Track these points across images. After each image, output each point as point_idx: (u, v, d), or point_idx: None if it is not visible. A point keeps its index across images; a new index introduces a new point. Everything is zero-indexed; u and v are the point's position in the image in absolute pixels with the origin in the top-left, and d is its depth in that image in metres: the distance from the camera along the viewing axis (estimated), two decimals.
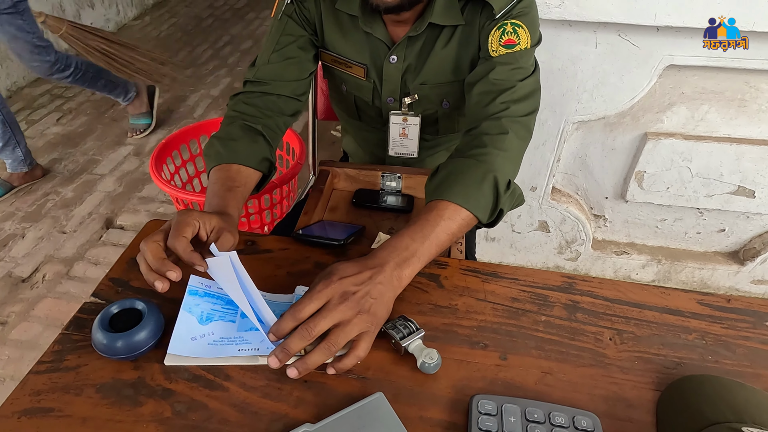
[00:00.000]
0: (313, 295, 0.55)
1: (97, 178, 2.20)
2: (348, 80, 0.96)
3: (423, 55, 0.89)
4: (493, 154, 0.74)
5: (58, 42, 2.26)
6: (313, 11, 0.89)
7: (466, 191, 0.69)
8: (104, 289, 0.66)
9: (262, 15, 3.84)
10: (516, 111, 0.79)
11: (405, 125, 0.97)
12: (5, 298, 1.66)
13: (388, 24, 0.87)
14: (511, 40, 0.81)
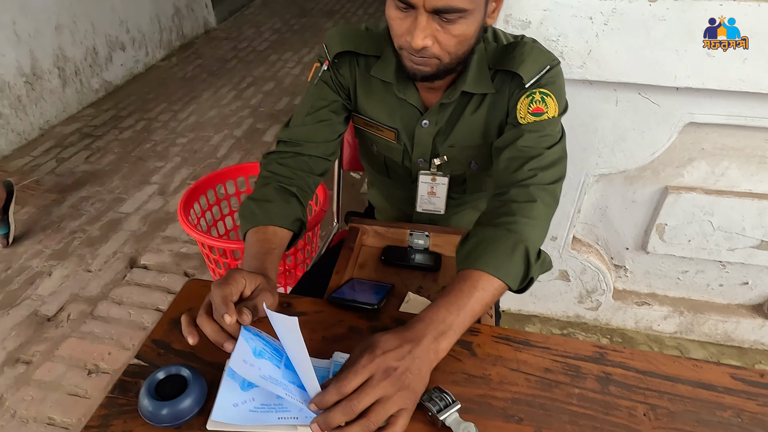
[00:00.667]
0: (357, 370, 0.57)
1: (122, 216, 2.25)
2: (379, 142, 1.00)
3: (453, 120, 0.92)
4: (521, 222, 0.76)
5: None
6: (348, 77, 0.94)
7: (498, 261, 0.71)
8: (147, 351, 0.68)
9: (284, 57, 3.97)
10: (543, 178, 0.81)
11: (433, 184, 1.00)
12: (30, 338, 1.69)
13: (421, 90, 0.91)
14: (539, 109, 0.84)
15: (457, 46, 0.76)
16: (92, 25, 3.16)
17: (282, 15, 4.97)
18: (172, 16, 3.99)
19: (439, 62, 0.77)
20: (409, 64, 0.79)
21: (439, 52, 0.75)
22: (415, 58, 0.76)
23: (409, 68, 0.79)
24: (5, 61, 2.60)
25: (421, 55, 0.75)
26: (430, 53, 0.75)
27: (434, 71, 0.79)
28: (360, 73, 0.93)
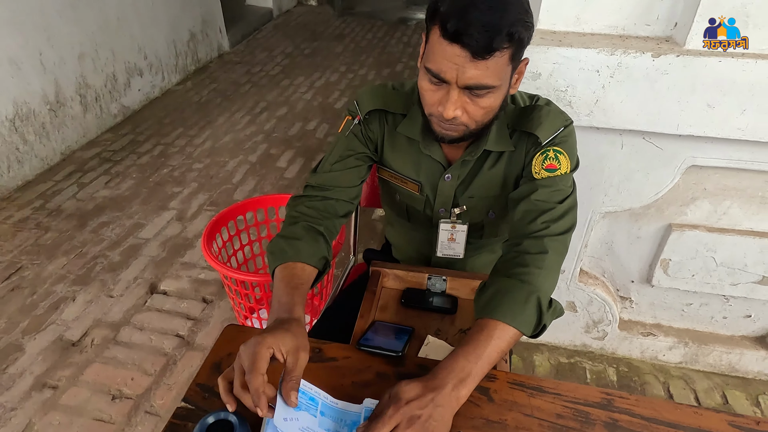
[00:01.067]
0: (385, 421, 0.63)
1: (141, 242, 2.33)
2: (402, 192, 1.08)
3: (473, 173, 1.01)
4: (534, 273, 0.83)
5: None
6: (377, 132, 1.02)
7: (512, 310, 0.78)
8: (193, 394, 0.75)
9: (296, 82, 4.08)
10: (555, 230, 0.89)
11: (453, 231, 1.07)
12: (56, 362, 1.75)
13: (444, 147, 0.99)
14: (552, 165, 0.92)
15: (484, 116, 0.84)
16: (112, 52, 3.28)
17: (293, 39, 5.09)
18: (188, 41, 4.12)
19: (466, 128, 0.85)
20: (438, 129, 0.86)
21: (468, 121, 0.83)
22: (444, 125, 0.84)
23: (438, 132, 0.87)
24: (31, 89, 2.70)
25: (450, 123, 0.83)
26: (459, 122, 0.83)
27: (461, 135, 0.87)
28: (388, 129, 1.01)
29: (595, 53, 1.22)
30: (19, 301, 1.99)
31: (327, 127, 3.40)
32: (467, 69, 0.75)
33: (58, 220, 2.45)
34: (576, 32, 1.32)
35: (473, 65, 0.74)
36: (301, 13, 6.01)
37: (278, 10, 5.83)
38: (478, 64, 0.74)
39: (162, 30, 3.77)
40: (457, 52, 0.74)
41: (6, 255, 2.23)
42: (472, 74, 0.75)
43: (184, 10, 4.01)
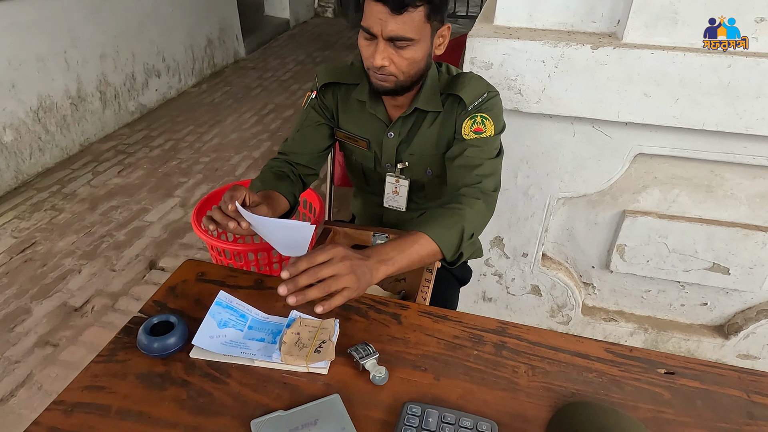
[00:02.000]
0: (325, 249, 0.79)
1: (146, 225, 2.51)
2: (356, 151, 1.23)
3: (412, 133, 1.15)
4: (465, 210, 0.98)
5: None
6: (331, 102, 1.19)
7: (438, 230, 0.93)
8: (148, 308, 0.89)
9: (304, 87, 4.27)
10: (486, 186, 1.04)
11: (397, 185, 1.21)
12: (59, 325, 1.92)
13: (388, 108, 1.14)
14: (479, 129, 1.06)
15: (409, 67, 0.99)
16: (132, 54, 3.52)
17: (306, 48, 5.32)
18: (205, 47, 4.36)
19: (396, 79, 1.00)
20: (374, 81, 1.02)
21: (396, 71, 0.98)
22: (378, 75, 1.00)
23: (374, 84, 1.03)
24: (56, 85, 2.94)
25: (381, 72, 0.99)
26: (388, 71, 0.98)
27: (393, 87, 1.02)
28: (341, 98, 1.19)
29: (540, 45, 1.35)
30: (30, 272, 2.18)
31: None
32: (389, 23, 0.91)
33: (72, 203, 2.65)
34: (528, 28, 1.45)
35: (393, 20, 0.91)
36: (316, 24, 6.26)
37: (295, 20, 6.08)
38: (397, 19, 0.91)
39: (180, 36, 4.01)
40: (380, 8, 0.91)
41: (23, 232, 2.43)
42: (393, 27, 0.92)
43: (203, 19, 4.26)
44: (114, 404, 0.72)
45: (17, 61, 2.69)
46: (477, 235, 1.01)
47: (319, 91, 1.18)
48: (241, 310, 0.85)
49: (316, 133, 1.20)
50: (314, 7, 6.62)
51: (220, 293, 0.84)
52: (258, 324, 0.85)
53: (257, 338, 0.82)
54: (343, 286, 0.78)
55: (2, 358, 1.78)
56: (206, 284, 0.95)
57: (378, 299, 0.92)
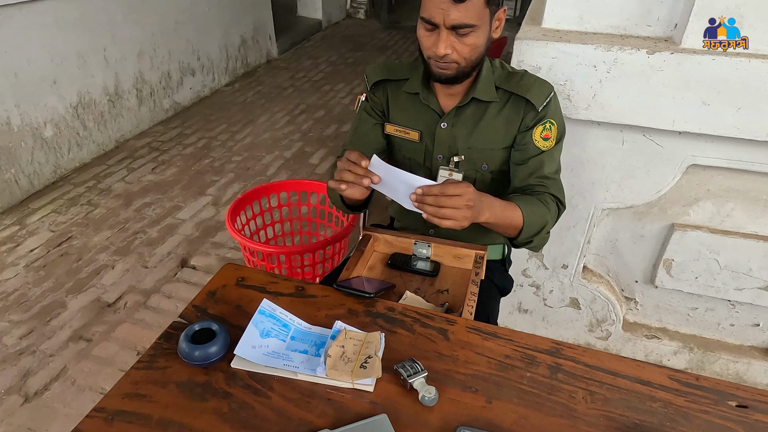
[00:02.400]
0: (458, 186, 0.89)
1: (178, 222, 2.52)
2: (405, 146, 1.21)
3: (471, 126, 1.13)
4: (549, 206, 1.11)
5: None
6: (381, 98, 1.21)
7: (529, 211, 1.06)
8: (188, 313, 0.87)
9: (336, 87, 4.26)
10: (558, 193, 1.14)
11: (450, 179, 1.16)
12: (92, 320, 1.93)
13: (441, 98, 1.14)
14: (547, 134, 1.11)
15: (470, 53, 1.01)
16: (169, 53, 3.56)
17: (338, 49, 5.31)
18: (239, 46, 4.39)
19: (458, 66, 1.02)
20: (435, 69, 1.03)
21: (458, 58, 1.00)
22: (440, 63, 1.01)
23: (435, 72, 1.04)
24: (95, 81, 2.99)
25: (443, 61, 1.00)
26: (450, 59, 1.00)
27: (454, 74, 1.03)
28: (391, 93, 1.20)
29: (592, 49, 1.29)
30: (66, 265, 2.21)
31: None
32: (451, 12, 0.93)
33: (107, 199, 2.69)
34: (578, 31, 1.39)
35: (455, 8, 0.93)
36: (348, 26, 6.25)
37: (327, 21, 6.09)
38: (459, 7, 0.93)
39: (215, 35, 4.05)
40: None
41: (59, 226, 2.47)
42: (455, 16, 0.94)
43: (238, 19, 4.29)
44: (155, 414, 0.69)
45: (59, 58, 2.74)
46: (548, 232, 1.12)
47: (369, 91, 1.21)
48: (284, 319, 0.82)
49: (372, 133, 1.23)
50: (346, 8, 6.62)
51: (264, 302, 0.81)
52: (301, 334, 0.82)
53: (300, 350, 0.79)
54: (455, 218, 0.89)
55: (38, 351, 1.80)
56: (246, 290, 0.92)
57: (423, 312, 0.89)
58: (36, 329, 1.89)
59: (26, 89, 2.58)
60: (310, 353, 0.78)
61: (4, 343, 1.82)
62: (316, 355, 0.78)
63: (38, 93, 2.66)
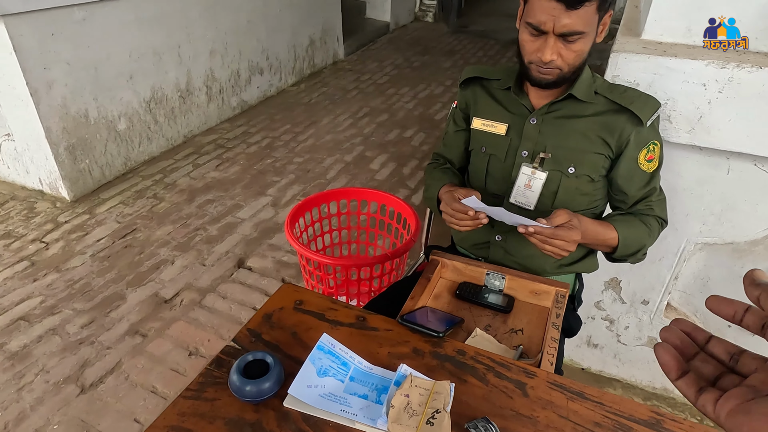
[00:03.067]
0: (569, 233, 0.93)
1: (238, 221, 2.52)
2: (488, 140, 1.17)
3: (563, 123, 1.08)
4: (651, 228, 1.10)
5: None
6: (468, 96, 1.21)
7: (626, 232, 1.07)
8: (242, 337, 0.81)
9: (400, 91, 4.19)
10: (662, 214, 1.13)
11: (532, 177, 1.09)
12: (149, 315, 1.95)
13: (532, 97, 1.11)
14: (651, 156, 1.07)
15: (575, 59, 0.98)
16: (240, 52, 3.61)
17: (404, 52, 5.24)
18: (307, 47, 4.41)
19: (560, 71, 0.99)
20: (536, 75, 1.01)
21: (562, 64, 0.98)
22: (542, 69, 0.99)
23: (536, 78, 1.01)
24: (168, 78, 3.06)
25: (547, 66, 0.98)
26: (554, 65, 0.97)
27: (555, 79, 1.01)
28: (481, 90, 1.19)
29: (703, 65, 1.14)
30: (128, 258, 2.25)
31: (423, 136, 3.45)
32: (562, 19, 0.90)
33: (171, 193, 2.74)
34: (685, 44, 1.24)
35: (567, 15, 0.90)
36: (416, 29, 6.18)
37: (395, 24, 6.04)
38: (571, 14, 0.90)
39: (285, 35, 4.08)
40: (553, 5, 0.90)
41: (126, 217, 2.53)
42: (566, 23, 0.91)
43: (308, 19, 4.31)
44: None
45: (137, 54, 2.82)
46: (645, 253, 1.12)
47: (460, 87, 1.23)
48: (344, 357, 0.74)
49: (458, 139, 1.26)
50: (415, 11, 6.55)
51: (324, 336, 0.74)
52: (361, 375, 0.74)
53: (359, 393, 0.70)
54: (555, 254, 0.95)
55: (96, 342, 1.83)
56: (304, 315, 0.85)
57: (499, 360, 0.78)
58: (96, 320, 1.92)
59: (104, 83, 2.67)
60: (370, 398, 0.70)
61: (67, 331, 1.87)
62: (376, 402, 0.69)
63: (115, 87, 2.75)
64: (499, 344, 0.90)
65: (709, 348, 0.43)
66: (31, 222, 2.48)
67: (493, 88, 1.17)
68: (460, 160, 1.29)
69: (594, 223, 1.05)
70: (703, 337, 0.43)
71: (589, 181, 1.09)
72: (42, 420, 1.55)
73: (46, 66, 2.36)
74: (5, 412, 1.57)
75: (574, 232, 0.94)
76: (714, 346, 0.43)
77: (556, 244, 0.93)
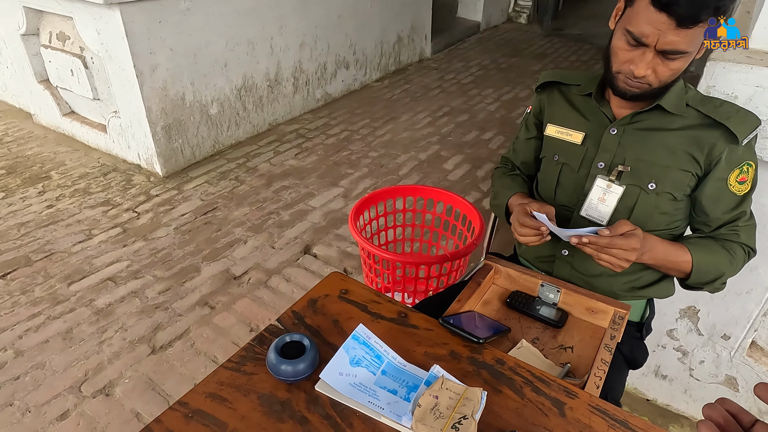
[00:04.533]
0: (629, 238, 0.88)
1: (309, 209, 2.61)
2: (562, 149, 1.11)
3: (647, 135, 1.00)
4: (734, 256, 0.99)
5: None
6: (544, 100, 1.17)
7: (702, 258, 0.98)
8: (286, 318, 0.84)
9: (484, 92, 4.12)
10: (749, 241, 1.02)
11: (607, 191, 1.03)
12: (218, 289, 2.07)
13: (614, 106, 1.04)
14: (744, 178, 0.98)
15: (669, 77, 0.91)
16: (328, 45, 3.72)
17: (492, 53, 5.13)
18: (394, 44, 4.45)
19: (649, 87, 0.92)
20: (622, 85, 0.95)
21: (653, 80, 0.91)
22: (630, 81, 0.93)
23: (621, 88, 0.95)
24: (259, 68, 3.22)
25: (637, 80, 0.91)
26: (645, 80, 0.91)
27: (642, 93, 0.94)
28: (558, 95, 1.14)
29: None
30: (207, 234, 2.40)
31: (502, 139, 3.37)
32: (668, 35, 0.83)
33: (252, 177, 2.89)
34: None
35: (675, 33, 0.83)
36: (507, 30, 6.02)
37: (486, 24, 5.93)
38: (680, 32, 0.82)
39: (374, 31, 4.14)
40: (663, 19, 0.82)
41: (209, 196, 2.70)
42: (671, 40, 0.84)
43: (397, 16, 4.35)
44: (230, 423, 0.67)
45: (233, 43, 2.99)
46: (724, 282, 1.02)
47: (536, 91, 1.18)
48: (378, 350, 0.74)
49: (528, 146, 1.23)
50: (508, 11, 6.38)
51: (359, 327, 0.74)
52: (393, 370, 0.74)
53: (389, 388, 0.71)
54: (613, 264, 0.89)
55: (170, 308, 1.97)
56: (348, 305, 0.87)
57: (539, 375, 0.75)
58: (172, 288, 2.07)
59: (201, 69, 2.86)
60: (399, 395, 0.70)
61: (146, 295, 2.03)
62: (405, 399, 0.69)
63: (211, 74, 2.93)
64: (544, 359, 0.87)
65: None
66: (127, 192, 2.72)
67: (571, 94, 1.12)
68: (529, 167, 1.26)
69: (665, 243, 0.97)
70: (748, 420, 0.43)
71: (671, 199, 1.00)
72: (116, 373, 1.70)
73: (152, 51, 2.57)
74: (87, 361, 1.74)
75: (633, 240, 0.88)
76: (758, 430, 0.42)
77: (613, 252, 0.88)
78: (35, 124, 3.42)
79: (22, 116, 3.54)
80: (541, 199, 1.19)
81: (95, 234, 2.38)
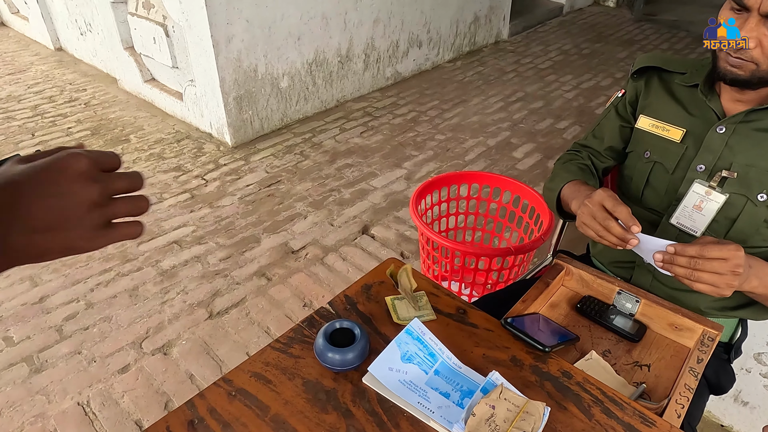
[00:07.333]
0: (724, 247, 0.72)
1: (370, 189, 2.58)
2: (656, 145, 0.99)
3: (762, 138, 0.88)
4: None
5: None
6: (639, 87, 1.04)
7: None
8: (338, 302, 0.80)
9: (562, 79, 3.89)
10: None
11: (705, 198, 0.90)
12: (276, 261, 2.09)
13: (724, 100, 0.91)
14: None
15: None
16: (402, 22, 3.63)
17: (575, 38, 4.84)
18: (470, 24, 4.28)
19: (755, 68, 0.80)
20: (723, 65, 0.83)
21: (759, 56, 0.79)
22: (732, 59, 0.81)
23: (722, 69, 0.83)
24: (331, 43, 3.20)
25: (738, 56, 0.80)
26: (748, 55, 0.79)
27: (747, 76, 0.81)
28: (658, 82, 1.01)
29: None
30: (269, 206, 2.43)
31: (578, 129, 3.17)
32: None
33: (316, 153, 2.89)
34: None
35: None
36: (593, 13, 5.65)
37: (570, 7, 5.59)
38: None
39: (450, 10, 4.00)
40: None
41: (274, 169, 2.73)
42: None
43: None
44: (273, 407, 0.64)
45: (307, 17, 2.98)
46: None
47: (631, 77, 1.06)
48: (433, 347, 0.69)
49: (615, 133, 1.09)
50: None
51: (414, 321, 0.69)
52: (447, 371, 0.68)
53: (442, 390, 0.65)
54: (715, 285, 0.72)
55: (229, 276, 2.01)
56: None
57: (611, 394, 0.67)
58: (233, 256, 2.12)
59: (275, 42, 2.87)
60: (452, 399, 0.65)
61: (208, 261, 2.09)
62: (458, 405, 0.64)
63: (284, 47, 2.94)
64: (616, 376, 0.78)
65: None
66: (198, 160, 2.80)
67: (673, 83, 0.99)
68: (608, 157, 1.11)
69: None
70: None
71: None
72: (175, 334, 1.76)
73: (229, 21, 2.60)
74: (149, 319, 1.81)
75: (731, 249, 0.72)
76: None
77: (710, 267, 0.72)
78: (119, 89, 3.59)
79: (109, 81, 3.73)
80: (624, 198, 1.07)
81: (165, 198, 2.47)
